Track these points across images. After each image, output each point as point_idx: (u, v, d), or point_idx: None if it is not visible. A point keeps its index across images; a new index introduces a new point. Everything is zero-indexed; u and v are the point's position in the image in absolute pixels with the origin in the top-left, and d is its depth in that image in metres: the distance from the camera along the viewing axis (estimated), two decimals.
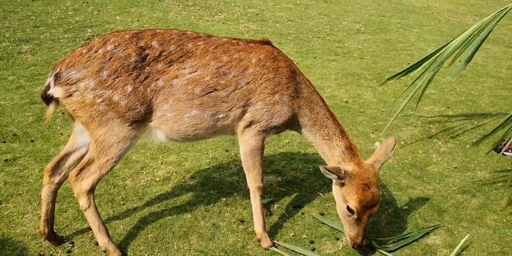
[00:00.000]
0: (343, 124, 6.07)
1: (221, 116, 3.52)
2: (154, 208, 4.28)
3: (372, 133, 6.08)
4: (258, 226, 3.88)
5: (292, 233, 4.08)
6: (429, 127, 6.42)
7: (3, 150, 4.98)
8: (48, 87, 3.24)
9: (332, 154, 3.75)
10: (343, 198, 3.58)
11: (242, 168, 4.59)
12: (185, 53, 3.38)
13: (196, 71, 3.38)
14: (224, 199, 4.47)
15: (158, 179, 4.71)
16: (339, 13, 13.64)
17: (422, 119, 6.66)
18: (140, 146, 5.28)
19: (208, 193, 4.55)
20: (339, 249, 3.94)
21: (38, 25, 9.06)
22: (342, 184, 3.55)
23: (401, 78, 7.81)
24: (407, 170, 5.27)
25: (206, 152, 5.29)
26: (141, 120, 3.34)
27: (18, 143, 5.14)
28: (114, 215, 4.16)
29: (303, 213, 4.36)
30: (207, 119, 3.49)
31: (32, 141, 5.19)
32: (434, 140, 6.05)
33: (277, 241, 3.97)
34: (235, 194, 4.56)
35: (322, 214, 4.36)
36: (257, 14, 12.17)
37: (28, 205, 4.18)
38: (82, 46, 3.32)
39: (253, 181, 3.81)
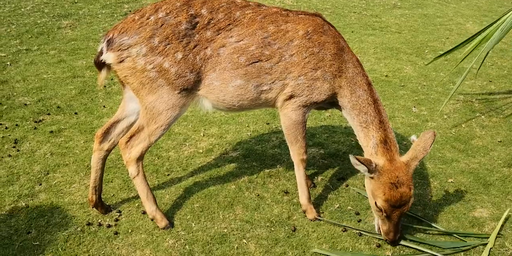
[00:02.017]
0: (384, 99, 6.01)
1: (264, 88, 3.46)
2: (198, 178, 4.30)
3: (414, 106, 5.96)
4: (303, 198, 3.87)
5: (337, 205, 4.06)
6: (472, 101, 6.27)
7: (48, 122, 5.06)
8: (101, 53, 3.26)
9: (366, 144, 3.54)
10: (372, 193, 3.42)
11: (284, 141, 4.58)
12: (233, 21, 3.34)
13: (242, 40, 3.34)
14: (267, 170, 4.47)
15: (201, 150, 4.73)
16: None
17: (464, 93, 6.50)
18: (182, 119, 5.30)
19: (251, 164, 4.55)
20: None
21: (76, 1, 9.12)
22: (372, 178, 3.38)
23: (441, 51, 7.69)
24: (451, 144, 5.16)
25: (247, 125, 5.27)
26: (190, 88, 3.33)
27: (62, 115, 5.22)
28: (160, 185, 4.20)
29: (347, 186, 4.33)
30: (251, 90, 3.45)
31: (75, 113, 5.26)
32: (477, 114, 5.91)
33: (323, 212, 3.96)
34: (278, 166, 4.55)
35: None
36: None
37: (75, 175, 4.25)
38: (134, 13, 3.33)
39: (296, 154, 3.76)
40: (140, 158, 3.51)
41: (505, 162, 4.88)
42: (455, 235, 3.77)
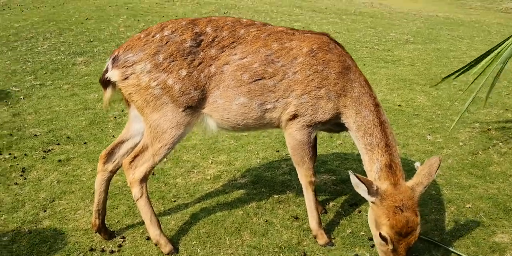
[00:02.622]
0: (397, 127, 5.90)
1: (268, 106, 3.38)
2: (205, 204, 4.19)
3: (429, 135, 5.83)
4: (313, 222, 3.71)
5: (350, 230, 3.90)
6: (488, 129, 6.12)
7: (57, 151, 5.04)
8: (106, 70, 3.26)
9: (370, 168, 3.35)
10: (375, 222, 3.15)
11: (294, 167, 4.47)
12: (237, 39, 3.33)
13: (246, 57, 3.30)
14: (277, 196, 4.34)
15: (209, 177, 4.64)
16: (386, 26, 13.44)
17: (480, 121, 6.36)
18: (190, 147, 5.24)
19: (260, 190, 4.43)
20: None
21: (91, 40, 9.32)
22: (374, 204, 3.14)
23: (455, 81, 7.62)
24: (468, 170, 4.99)
25: (256, 153, 5.19)
26: (194, 106, 3.28)
27: (72, 145, 5.20)
28: (165, 211, 4.09)
29: (360, 211, 4.17)
30: (255, 109, 3.37)
31: (85, 143, 5.24)
32: (494, 141, 5.75)
33: (334, 238, 3.80)
34: (287, 192, 4.42)
35: None
36: (303, 28, 12.15)
37: (81, 202, 4.17)
38: (140, 32, 3.35)
39: (304, 176, 3.63)
40: (144, 179, 3.43)
41: None
42: None
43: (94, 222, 3.65)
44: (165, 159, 3.51)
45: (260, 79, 3.31)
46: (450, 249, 3.68)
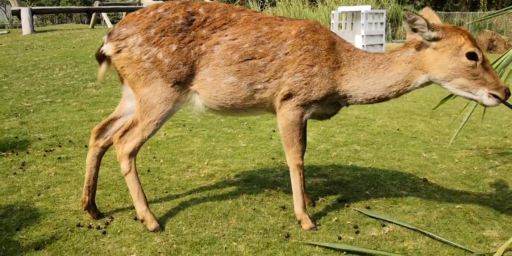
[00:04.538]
0: (394, 146, 5.98)
1: (258, 87, 3.53)
2: (195, 195, 4.26)
3: (425, 153, 5.89)
4: (297, 206, 3.74)
5: (336, 218, 3.91)
6: (485, 150, 6.16)
7: (58, 151, 5.21)
8: (102, 45, 3.48)
9: (409, 65, 3.44)
10: (451, 55, 3.27)
11: (287, 171, 4.56)
12: (228, 21, 3.54)
13: (236, 38, 3.50)
14: (267, 190, 4.40)
15: (202, 175, 4.73)
16: None
17: (478, 144, 6.42)
18: (188, 152, 5.37)
19: (251, 187, 4.50)
20: (385, 232, 3.71)
21: None
22: (434, 40, 3.30)
23: (455, 113, 7.75)
24: (461, 181, 5.01)
25: (252, 159, 5.29)
26: (183, 81, 3.45)
27: (73, 147, 5.37)
28: (156, 200, 4.17)
29: (348, 206, 4.19)
30: (244, 88, 3.52)
31: (86, 146, 5.40)
32: (491, 161, 5.77)
33: (319, 225, 3.81)
34: (278, 188, 4.48)
35: (368, 208, 4.17)
36: None
37: (74, 190, 4.28)
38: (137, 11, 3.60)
39: (292, 159, 3.70)
40: (133, 154, 3.55)
41: None
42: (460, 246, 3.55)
43: (83, 199, 3.73)
44: (154, 135, 3.61)
45: (250, 59, 3.48)
46: (436, 236, 3.67)
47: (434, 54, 3.34)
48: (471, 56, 3.24)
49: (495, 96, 3.30)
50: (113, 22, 36.27)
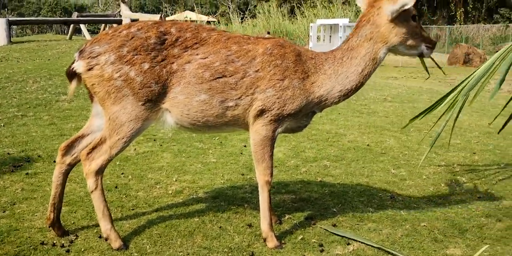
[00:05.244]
0: (363, 162, 6.06)
1: (230, 104, 3.58)
2: (162, 213, 4.26)
3: (393, 169, 5.98)
4: (264, 224, 3.77)
5: (301, 236, 3.95)
6: (453, 167, 6.28)
7: (26, 166, 5.16)
8: (73, 62, 3.48)
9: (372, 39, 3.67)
10: (403, 20, 3.59)
11: (256, 187, 4.57)
12: (199, 40, 3.59)
13: (207, 57, 3.55)
14: (234, 208, 4.42)
15: (170, 192, 4.73)
16: (367, 89, 13.92)
17: (447, 161, 6.54)
18: (157, 168, 5.37)
19: (219, 204, 4.51)
20: (349, 251, 3.76)
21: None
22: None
23: (426, 129, 7.88)
24: (428, 198, 5.09)
25: (221, 175, 5.31)
26: (154, 100, 3.47)
27: (42, 163, 5.32)
28: (122, 218, 4.15)
29: (314, 224, 4.23)
30: (216, 106, 3.56)
31: (54, 161, 5.34)
32: (458, 177, 5.88)
33: (284, 243, 3.84)
34: (246, 205, 4.50)
35: (334, 225, 4.22)
36: None
37: (40, 206, 4.25)
38: (109, 29, 3.61)
39: (262, 174, 3.75)
40: (99, 171, 3.54)
41: (484, 213, 4.76)
42: None
43: (48, 216, 3.71)
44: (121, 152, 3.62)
45: (221, 77, 3.53)
46: (399, 255, 3.72)
47: (390, 23, 3.61)
48: (414, 18, 3.64)
49: (429, 47, 3.78)
50: (93, 32, 36.18)
